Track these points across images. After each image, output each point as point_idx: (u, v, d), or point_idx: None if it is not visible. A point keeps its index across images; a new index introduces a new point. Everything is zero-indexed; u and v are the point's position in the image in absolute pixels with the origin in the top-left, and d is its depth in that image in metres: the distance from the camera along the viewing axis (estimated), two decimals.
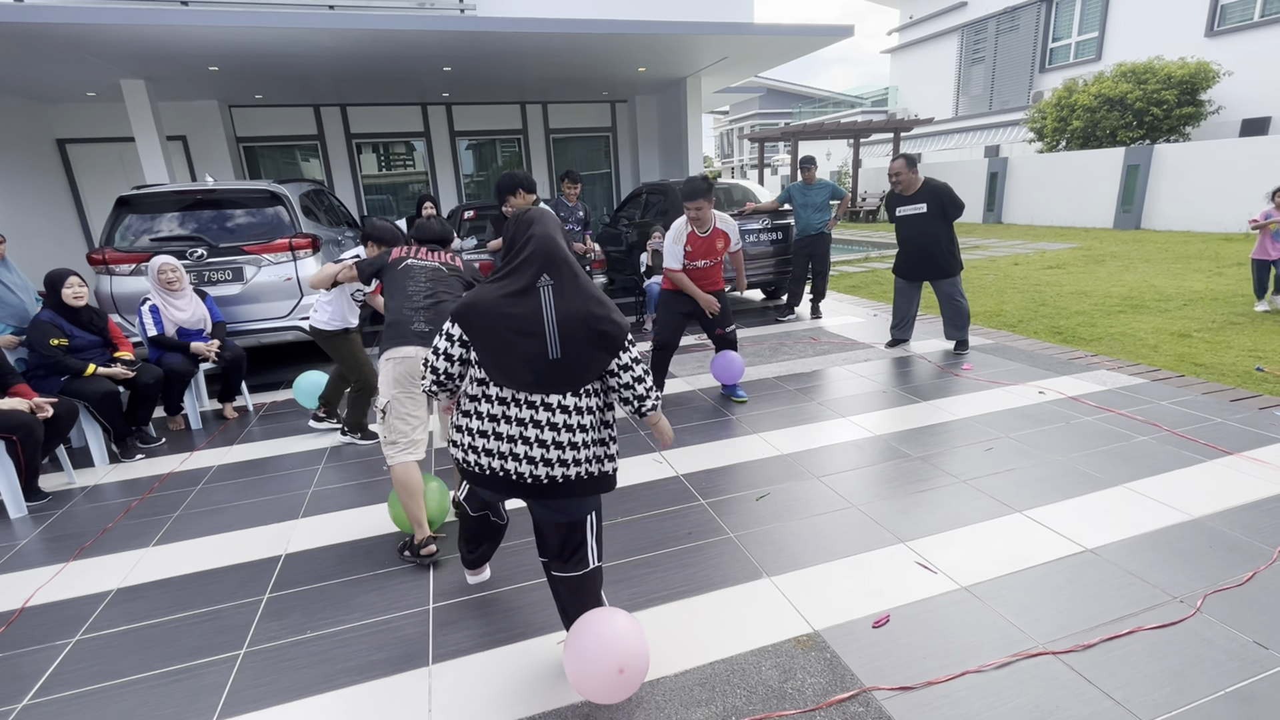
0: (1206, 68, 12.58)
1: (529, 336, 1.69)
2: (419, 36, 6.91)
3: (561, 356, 1.70)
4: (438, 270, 2.81)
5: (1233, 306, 5.97)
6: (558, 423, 1.72)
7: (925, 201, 4.87)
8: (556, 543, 1.85)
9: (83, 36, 6.12)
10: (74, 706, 1.94)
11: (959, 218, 4.84)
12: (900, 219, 5.05)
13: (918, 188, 4.91)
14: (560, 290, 1.71)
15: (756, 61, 9.80)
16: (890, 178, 5.01)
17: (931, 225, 4.88)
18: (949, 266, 4.93)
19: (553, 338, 1.69)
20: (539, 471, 1.73)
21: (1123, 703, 1.74)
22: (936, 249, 4.91)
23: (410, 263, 2.77)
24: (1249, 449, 3.14)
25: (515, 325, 1.69)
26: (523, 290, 1.71)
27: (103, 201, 9.65)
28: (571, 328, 1.69)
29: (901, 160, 4.91)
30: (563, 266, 1.74)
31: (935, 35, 21.53)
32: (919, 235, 4.95)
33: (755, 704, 1.81)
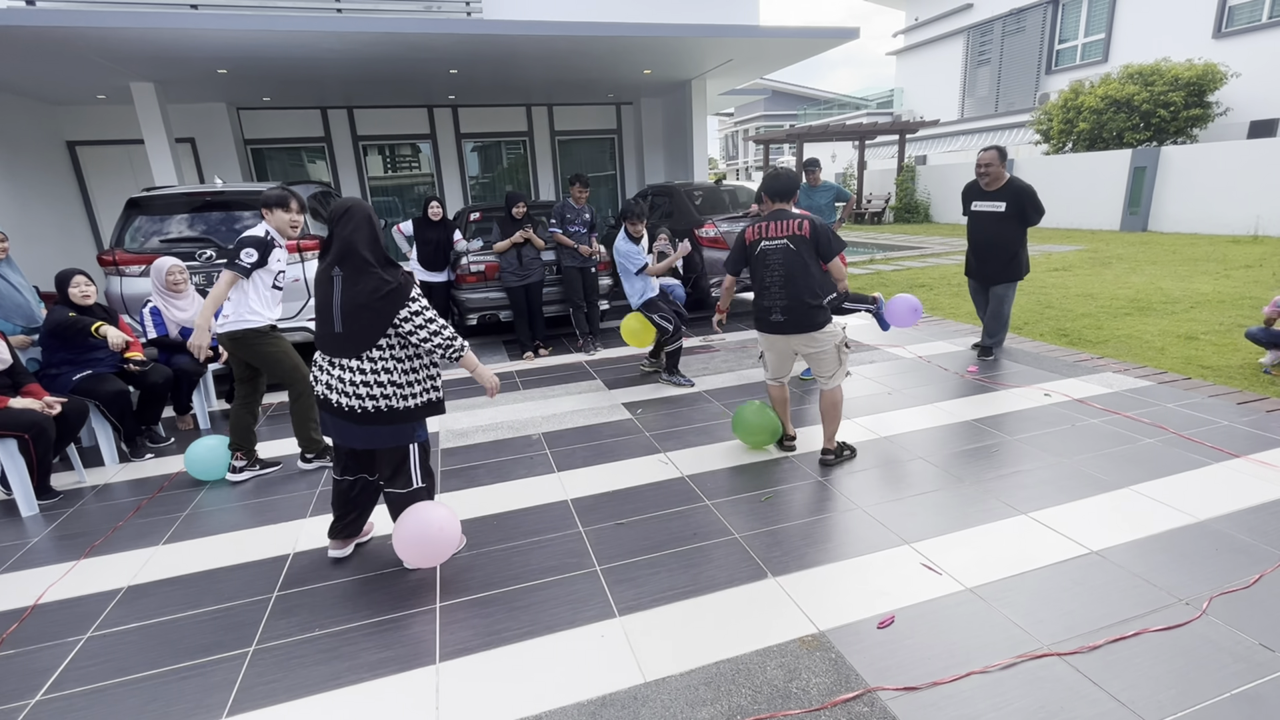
0: (1214, 69, 12.52)
1: (325, 313, 2.34)
2: (426, 39, 6.95)
3: (343, 331, 2.30)
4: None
5: (1240, 309, 5.94)
6: (354, 376, 2.31)
7: (1006, 200, 4.56)
8: (388, 466, 2.47)
9: (93, 40, 6.18)
10: (86, 702, 1.97)
11: (1038, 224, 4.58)
12: (974, 215, 4.76)
13: (1002, 184, 4.59)
14: (347, 280, 2.29)
15: (762, 64, 9.80)
16: (978, 168, 4.64)
17: (1007, 226, 4.59)
18: (1014, 271, 4.68)
19: (338, 316, 2.31)
20: (351, 403, 2.32)
21: (1128, 705, 1.74)
22: (1006, 250, 4.64)
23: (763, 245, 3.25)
24: (1256, 452, 3.13)
25: (319, 304, 2.36)
26: (321, 274, 2.37)
27: (112, 203, 9.73)
28: (354, 308, 2.27)
29: (994, 151, 4.56)
30: (352, 261, 2.30)
31: (941, 37, 21.49)
32: (992, 235, 4.67)
33: (760, 704, 1.81)
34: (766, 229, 3.19)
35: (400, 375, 2.35)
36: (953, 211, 16.86)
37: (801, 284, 3.09)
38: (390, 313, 2.27)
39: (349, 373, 2.31)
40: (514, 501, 3.12)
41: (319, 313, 2.37)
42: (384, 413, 2.33)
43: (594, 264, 5.93)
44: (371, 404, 2.31)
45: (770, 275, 3.16)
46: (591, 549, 2.65)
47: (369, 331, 2.28)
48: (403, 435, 2.40)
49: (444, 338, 2.35)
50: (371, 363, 2.30)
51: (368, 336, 2.28)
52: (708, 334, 6.35)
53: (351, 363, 2.31)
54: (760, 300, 3.25)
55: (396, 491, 2.48)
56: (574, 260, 5.79)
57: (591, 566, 2.53)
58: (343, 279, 2.30)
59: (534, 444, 3.83)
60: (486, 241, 6.34)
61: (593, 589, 2.38)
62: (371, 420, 2.33)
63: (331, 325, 2.32)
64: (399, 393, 2.35)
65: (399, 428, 2.38)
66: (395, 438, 2.39)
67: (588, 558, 2.59)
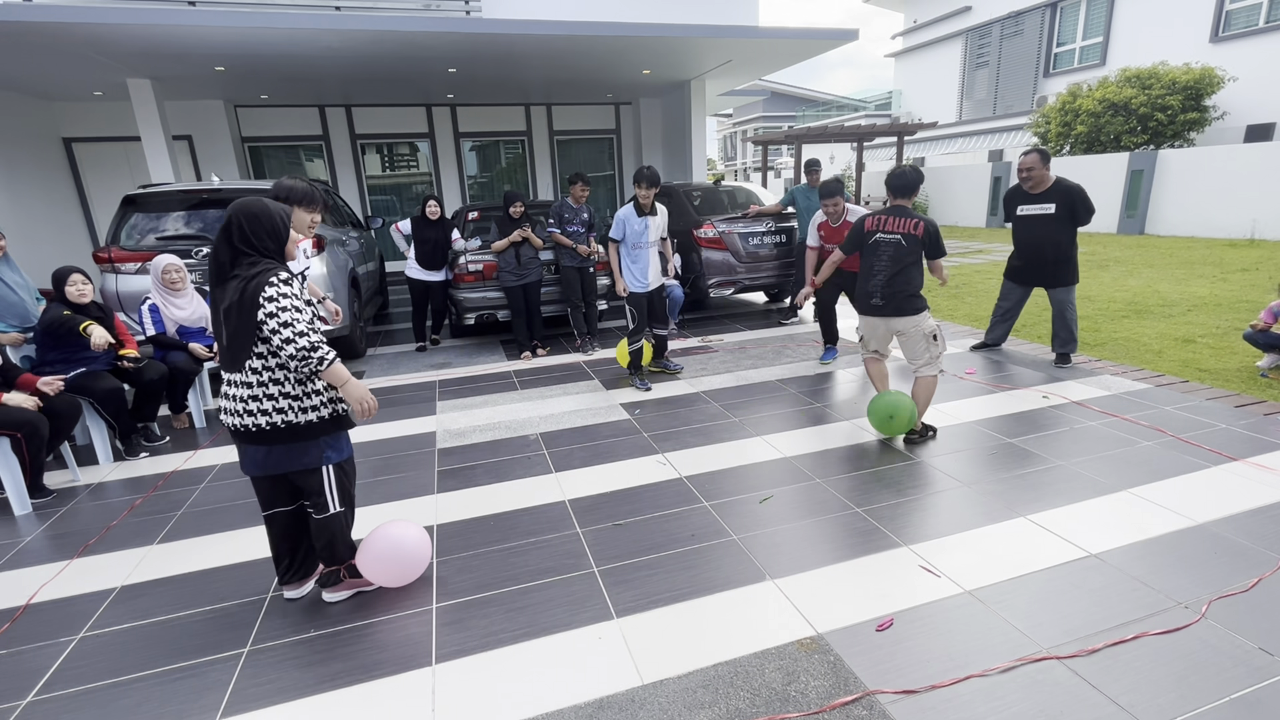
0: (1211, 73, 12.56)
1: (216, 324, 2.10)
2: (425, 37, 6.93)
3: (226, 343, 2.06)
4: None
5: (1237, 312, 5.96)
6: (240, 391, 2.08)
7: (1054, 202, 4.46)
8: (305, 490, 2.25)
9: (89, 36, 6.15)
10: (78, 703, 1.95)
11: (1088, 223, 4.49)
12: (1020, 219, 4.68)
13: (1047, 186, 4.52)
14: (223, 289, 2.05)
15: (761, 64, 9.80)
16: (1020, 172, 4.56)
17: (1056, 229, 4.50)
18: (1068, 274, 4.57)
19: (220, 327, 2.07)
20: (244, 421, 2.09)
21: (1127, 708, 1.73)
22: (1057, 254, 4.54)
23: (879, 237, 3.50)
24: (1254, 455, 3.13)
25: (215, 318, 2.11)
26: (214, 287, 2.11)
27: (108, 200, 9.69)
28: (225, 311, 2.02)
29: (1035, 155, 4.48)
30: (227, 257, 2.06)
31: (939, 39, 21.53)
32: (1041, 238, 4.57)
33: (759, 706, 1.80)
34: (885, 222, 3.51)
35: (293, 385, 2.10)
36: (950, 213, 16.90)
37: (902, 276, 3.44)
38: (252, 307, 1.97)
39: (236, 388, 2.08)
40: (511, 502, 3.10)
41: (215, 331, 2.14)
42: (280, 429, 2.09)
43: (592, 264, 5.92)
44: (264, 419, 2.07)
45: (879, 264, 3.50)
46: (589, 550, 2.64)
47: (241, 336, 2.02)
48: (308, 455, 2.16)
49: (300, 346, 1.98)
50: (256, 374, 2.06)
51: (242, 342, 2.03)
52: (706, 335, 6.34)
53: (236, 376, 2.07)
54: (864, 284, 3.59)
55: (314, 517, 2.27)
56: (572, 260, 5.77)
57: (589, 568, 2.52)
58: (221, 290, 2.05)
59: (531, 444, 3.82)
60: (485, 241, 6.32)
61: (590, 590, 2.37)
62: (266, 439, 2.09)
63: (221, 338, 2.08)
64: (294, 405, 2.10)
65: (300, 446, 2.14)
66: (298, 459, 2.15)
67: (585, 559, 2.58)
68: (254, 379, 2.07)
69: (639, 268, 4.66)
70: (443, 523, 2.93)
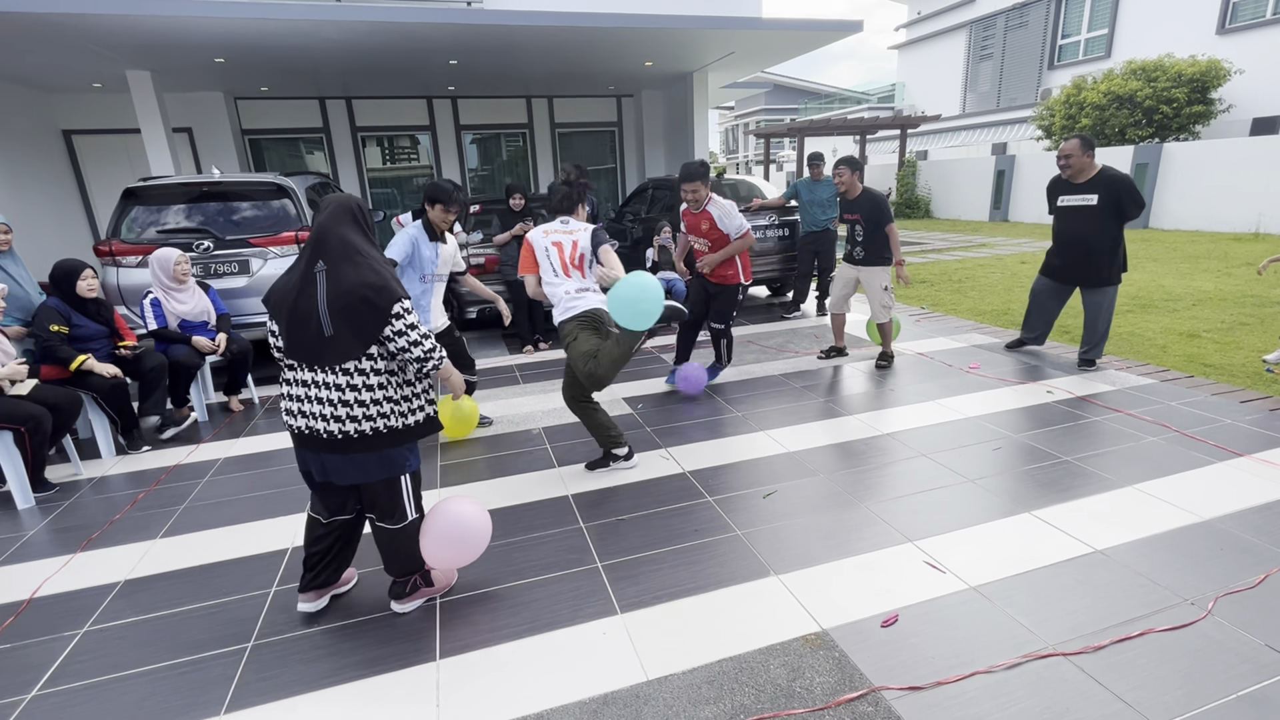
0: (1217, 65, 12.47)
1: (305, 317, 1.94)
2: (426, 29, 6.88)
3: (335, 334, 1.93)
4: None
5: (1242, 307, 5.93)
6: (339, 395, 1.96)
7: (1097, 193, 4.14)
8: (379, 501, 2.14)
9: (88, 27, 6.11)
10: (83, 697, 1.95)
11: (1136, 217, 4.16)
12: (1061, 210, 4.35)
13: (1090, 175, 4.19)
14: (332, 274, 1.94)
15: (764, 56, 9.74)
16: (1059, 159, 4.27)
17: (1100, 222, 4.16)
18: (1109, 273, 4.24)
19: (324, 317, 1.92)
20: (331, 428, 1.97)
21: (1134, 705, 1.73)
22: (1099, 250, 4.21)
23: None
24: (1260, 450, 3.12)
25: (298, 307, 1.95)
26: (301, 275, 1.97)
27: (108, 193, 9.65)
28: (345, 306, 1.92)
29: (1076, 141, 4.18)
30: (335, 250, 1.96)
31: (943, 31, 21.39)
32: (1082, 231, 4.25)
33: (764, 702, 1.80)
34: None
35: (396, 388, 2.04)
36: (953, 207, 16.83)
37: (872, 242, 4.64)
38: (386, 310, 1.93)
39: (324, 389, 1.96)
40: (514, 497, 3.10)
41: (294, 318, 1.95)
42: (382, 435, 2.01)
43: None
44: (369, 425, 1.98)
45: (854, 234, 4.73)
46: (592, 545, 2.64)
47: (362, 333, 1.93)
48: (395, 463, 2.09)
49: (425, 349, 2.01)
50: (363, 375, 1.96)
51: (360, 340, 1.94)
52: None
53: (336, 378, 1.95)
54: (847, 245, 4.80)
55: (387, 528, 2.16)
56: None
57: (593, 563, 2.51)
58: (327, 274, 1.94)
59: (534, 439, 3.81)
60: (487, 234, 6.30)
61: (594, 586, 2.37)
62: (358, 446, 1.99)
63: (310, 330, 1.93)
64: (395, 409, 2.03)
65: (390, 454, 2.06)
66: (387, 467, 2.07)
67: (589, 554, 2.57)
68: (360, 380, 1.96)
69: (424, 310, 3.65)
70: None
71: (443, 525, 2.23)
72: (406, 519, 2.18)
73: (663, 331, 6.23)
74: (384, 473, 2.08)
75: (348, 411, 1.97)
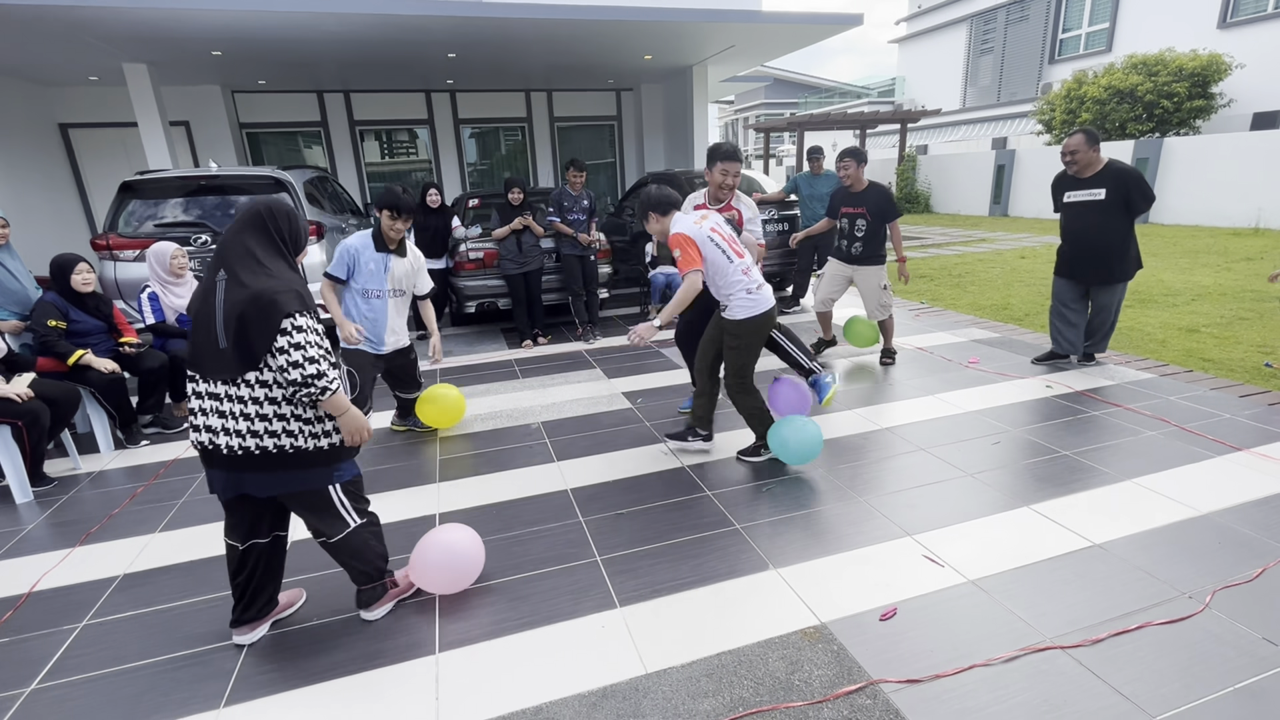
0: (1218, 60, 12.43)
1: (206, 326, 1.85)
2: (424, 21, 6.84)
3: (228, 344, 1.83)
4: None
5: (1241, 302, 5.93)
6: (239, 407, 1.86)
7: (1105, 187, 3.99)
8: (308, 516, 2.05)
9: (85, 19, 6.07)
10: (82, 691, 1.95)
11: (1146, 211, 4.00)
12: (1069, 206, 4.19)
13: (1097, 170, 4.04)
14: (230, 283, 1.85)
15: (764, 50, 9.70)
16: (1064, 156, 4.10)
17: (1107, 217, 4.00)
18: (1120, 270, 4.08)
19: (220, 327, 1.83)
20: (232, 443, 1.87)
21: (1131, 698, 1.73)
22: (1108, 247, 4.04)
23: None
24: (1258, 445, 3.12)
25: (199, 315, 1.88)
26: (203, 284, 1.91)
27: (105, 186, 9.61)
28: (235, 317, 1.81)
29: (1080, 136, 4.01)
30: (235, 259, 1.87)
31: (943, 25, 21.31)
32: (1089, 228, 4.08)
33: (762, 695, 1.80)
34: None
35: (305, 408, 1.91)
36: (953, 202, 16.80)
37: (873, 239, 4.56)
38: (274, 324, 1.79)
39: (230, 402, 1.84)
40: (513, 491, 3.10)
41: (195, 326, 1.87)
42: (288, 455, 1.89)
43: (593, 252, 5.88)
44: (271, 442, 1.87)
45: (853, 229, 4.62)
46: (592, 539, 2.64)
47: (250, 347, 1.81)
48: (316, 478, 1.97)
49: (306, 373, 1.80)
50: (265, 388, 1.85)
51: (249, 353, 1.82)
52: None
53: (237, 390, 1.84)
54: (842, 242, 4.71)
55: (328, 542, 2.07)
56: (573, 248, 5.74)
57: (592, 557, 2.51)
58: (226, 283, 1.84)
59: (533, 433, 3.81)
60: (485, 229, 6.28)
61: (593, 579, 2.37)
62: (267, 465, 1.89)
63: (209, 340, 1.83)
64: (306, 430, 1.91)
65: (305, 473, 1.95)
66: (303, 481, 1.96)
67: (588, 548, 2.58)
68: (262, 394, 1.85)
69: (372, 323, 3.38)
70: (445, 511, 2.93)
71: (435, 555, 2.22)
72: (347, 528, 2.07)
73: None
74: (301, 485, 1.97)
75: (248, 426, 1.85)
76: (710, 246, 2.96)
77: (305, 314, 1.85)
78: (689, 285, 2.90)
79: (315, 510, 2.04)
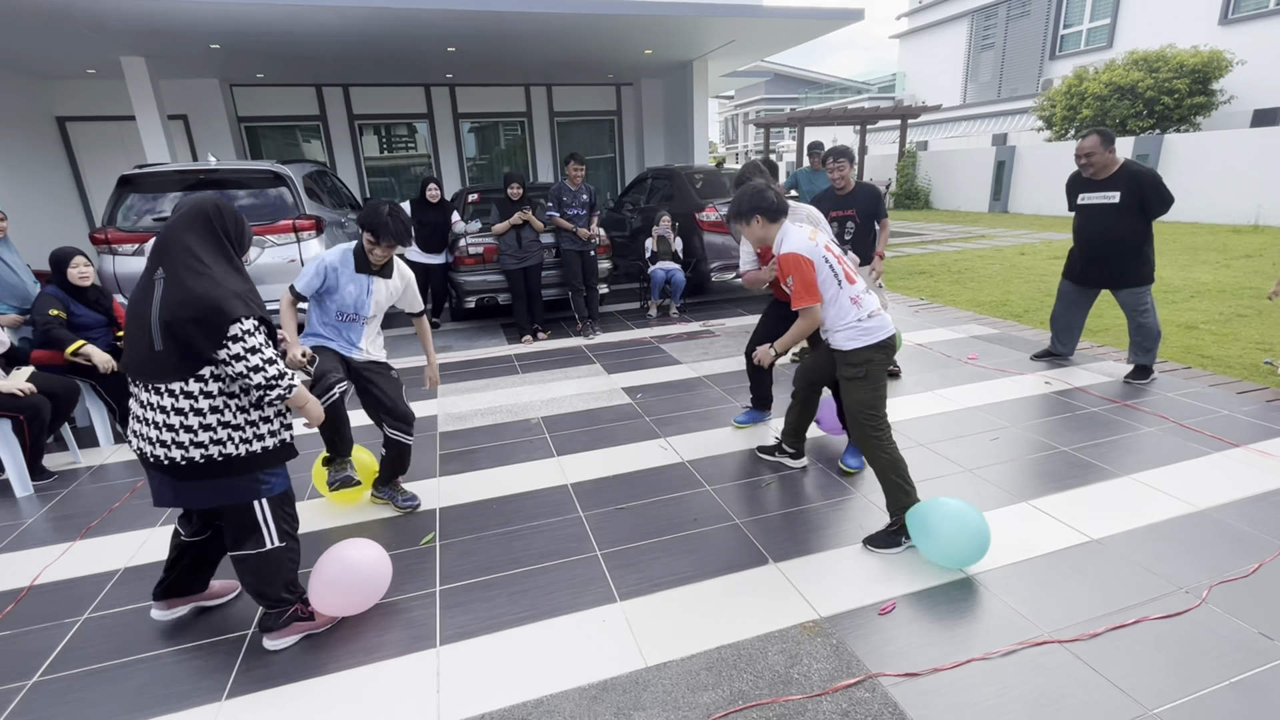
0: (1219, 56, 12.41)
1: (140, 326, 1.78)
2: (424, 15, 6.82)
3: (163, 348, 1.76)
4: None
5: (1240, 299, 5.94)
6: (164, 417, 1.80)
7: (1119, 190, 3.86)
8: (230, 527, 1.98)
9: (81, 12, 6.04)
10: (84, 683, 1.96)
11: (1163, 215, 3.85)
12: (1081, 209, 4.07)
13: (1112, 171, 3.90)
14: (169, 283, 1.77)
15: (764, 45, 9.67)
16: (1078, 158, 3.96)
17: (1122, 220, 3.87)
18: (1137, 272, 3.91)
19: (156, 328, 1.75)
20: (160, 453, 1.81)
21: (1128, 691, 1.75)
22: (1123, 250, 3.91)
23: None
24: (1256, 441, 3.13)
25: (134, 315, 1.81)
26: (141, 282, 1.83)
27: (103, 180, 9.59)
28: (168, 320, 1.74)
29: (1095, 137, 3.85)
30: (176, 257, 1.79)
31: (945, 20, 21.25)
32: (1103, 231, 3.96)
33: (762, 688, 1.82)
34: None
35: (235, 413, 1.85)
36: (952, 198, 16.79)
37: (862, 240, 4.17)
38: (220, 329, 1.74)
39: (156, 411, 1.80)
40: (513, 485, 3.10)
41: (129, 327, 1.81)
42: (216, 463, 1.83)
43: (593, 247, 5.88)
44: (198, 452, 1.81)
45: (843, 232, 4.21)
46: (592, 533, 2.65)
47: (189, 353, 1.76)
48: (244, 490, 1.91)
49: (268, 376, 1.81)
50: (190, 398, 1.79)
51: (187, 360, 1.77)
52: (707, 319, 6.32)
53: (163, 400, 1.79)
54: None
55: (245, 554, 1.98)
56: (573, 244, 5.73)
57: (592, 551, 2.52)
58: (165, 282, 1.77)
59: (533, 428, 3.81)
60: (485, 224, 6.27)
61: (593, 573, 2.38)
62: (196, 474, 1.84)
63: (143, 342, 1.77)
64: (234, 436, 1.85)
65: (233, 481, 1.89)
66: (229, 494, 1.90)
67: (588, 542, 2.58)
68: (187, 404, 1.79)
69: (342, 342, 2.81)
70: (445, 506, 2.94)
71: (334, 572, 2.09)
72: (262, 547, 1.98)
73: (660, 322, 6.23)
74: (231, 499, 1.91)
75: (174, 437, 1.80)
76: (825, 269, 2.47)
77: (251, 317, 1.81)
78: (808, 321, 2.50)
79: (237, 520, 1.96)
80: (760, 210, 2.56)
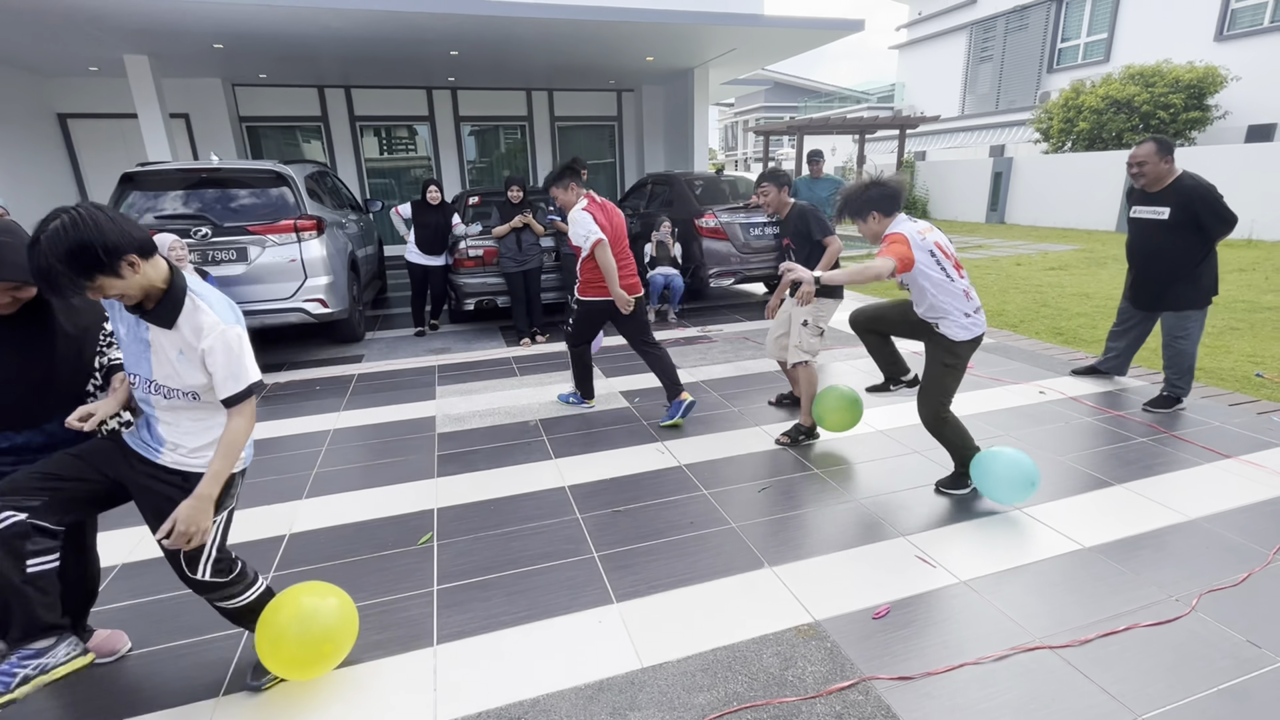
0: (1215, 72, 12.54)
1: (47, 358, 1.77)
2: (427, 19, 6.86)
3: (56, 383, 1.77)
4: None
5: (1232, 312, 5.99)
6: None
7: (1170, 205, 3.51)
8: None
9: (85, 10, 6.06)
10: (82, 680, 1.96)
11: (1226, 235, 3.50)
12: (1131, 221, 3.77)
13: (1166, 184, 3.55)
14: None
15: (765, 54, 9.76)
16: (1131, 167, 3.61)
17: (1170, 238, 3.53)
18: (1182, 295, 3.57)
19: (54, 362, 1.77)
20: None
21: (1118, 697, 1.77)
22: (1169, 271, 3.59)
23: None
24: (1246, 453, 3.16)
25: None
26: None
27: (104, 178, 9.60)
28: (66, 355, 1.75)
29: (1150, 145, 3.54)
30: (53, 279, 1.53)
31: (944, 32, 21.41)
32: (1149, 248, 3.66)
33: (756, 690, 1.83)
34: None
35: None
36: (950, 208, 16.89)
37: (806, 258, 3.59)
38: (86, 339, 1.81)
39: None
40: (511, 487, 3.12)
41: None
42: None
43: None
44: None
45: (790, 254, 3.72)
46: (589, 535, 2.66)
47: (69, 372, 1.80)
48: None
49: None
50: None
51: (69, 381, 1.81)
52: (705, 324, 6.35)
53: None
54: None
55: None
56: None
57: (589, 553, 2.54)
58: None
59: (531, 430, 3.83)
60: (485, 226, 6.30)
61: (590, 575, 2.39)
62: None
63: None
64: None
65: None
66: None
67: (585, 544, 2.60)
68: None
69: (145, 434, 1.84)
70: (443, 506, 2.95)
71: None
72: None
73: (658, 327, 6.25)
74: None
75: None
76: (929, 260, 2.62)
77: None
78: (877, 266, 2.55)
79: None
80: (875, 206, 2.69)
